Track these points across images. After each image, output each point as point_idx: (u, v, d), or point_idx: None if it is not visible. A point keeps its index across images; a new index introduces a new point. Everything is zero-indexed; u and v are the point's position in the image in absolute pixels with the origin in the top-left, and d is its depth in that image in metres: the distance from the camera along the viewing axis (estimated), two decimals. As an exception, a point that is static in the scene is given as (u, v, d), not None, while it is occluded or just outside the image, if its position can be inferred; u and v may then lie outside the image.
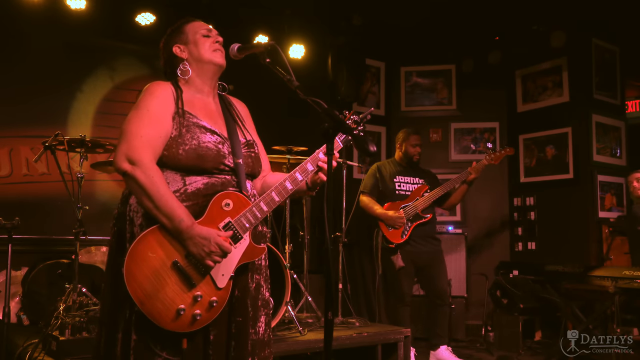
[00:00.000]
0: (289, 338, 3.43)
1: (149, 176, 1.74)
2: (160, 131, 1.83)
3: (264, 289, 1.99)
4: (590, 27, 5.53)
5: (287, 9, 5.35)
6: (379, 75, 6.31)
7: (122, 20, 4.91)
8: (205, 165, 1.85)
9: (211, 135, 1.89)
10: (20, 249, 3.84)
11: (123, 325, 1.77)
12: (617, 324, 3.90)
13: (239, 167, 1.92)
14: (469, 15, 5.44)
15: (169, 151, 1.83)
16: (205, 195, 1.84)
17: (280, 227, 4.07)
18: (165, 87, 1.93)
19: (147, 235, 1.73)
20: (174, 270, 1.74)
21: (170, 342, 1.76)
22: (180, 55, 2.00)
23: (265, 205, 1.89)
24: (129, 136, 1.79)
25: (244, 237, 1.86)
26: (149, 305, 1.69)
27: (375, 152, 1.86)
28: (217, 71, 2.03)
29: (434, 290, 4.39)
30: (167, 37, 2.06)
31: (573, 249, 5.37)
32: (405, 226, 4.30)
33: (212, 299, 1.77)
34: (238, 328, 1.87)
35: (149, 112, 1.84)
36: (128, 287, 1.67)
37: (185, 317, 1.73)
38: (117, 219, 1.87)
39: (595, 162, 5.50)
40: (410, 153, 4.51)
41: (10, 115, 4.59)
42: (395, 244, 4.28)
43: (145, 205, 1.76)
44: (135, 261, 1.70)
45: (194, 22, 2.07)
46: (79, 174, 3.61)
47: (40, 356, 3.13)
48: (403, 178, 4.49)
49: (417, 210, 4.33)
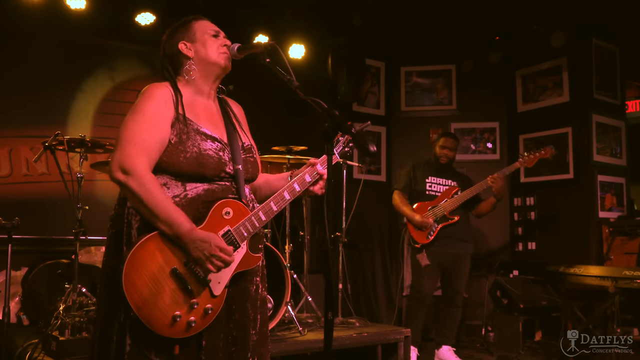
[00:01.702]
0: (289, 338, 3.43)
1: (143, 185, 1.71)
2: (156, 137, 1.79)
3: (261, 288, 1.99)
4: (590, 27, 5.53)
5: (287, 9, 5.35)
6: (379, 75, 6.31)
7: (122, 20, 4.90)
8: (206, 173, 1.84)
9: (212, 142, 1.88)
10: (20, 249, 3.84)
11: (117, 328, 1.76)
12: (617, 324, 3.90)
13: (238, 173, 1.91)
14: (469, 15, 5.43)
15: (169, 158, 1.80)
16: (205, 201, 1.83)
17: (280, 227, 4.07)
18: (164, 90, 1.87)
19: (147, 242, 1.72)
20: (172, 277, 1.74)
21: (164, 347, 1.75)
22: (187, 53, 1.96)
23: (264, 215, 1.90)
24: (123, 143, 1.76)
25: (241, 245, 1.86)
26: (145, 311, 1.69)
27: (375, 152, 1.86)
28: (221, 74, 2.01)
29: (450, 291, 4.44)
30: (172, 31, 2.01)
31: (573, 249, 5.36)
32: (431, 228, 4.32)
33: (207, 306, 1.78)
34: (237, 329, 1.87)
35: (145, 116, 1.80)
36: (126, 292, 1.67)
37: (181, 324, 1.73)
38: (115, 221, 1.86)
39: (595, 162, 5.50)
40: (438, 154, 4.57)
41: (10, 115, 4.58)
42: (421, 244, 4.33)
43: (141, 212, 1.75)
44: (134, 267, 1.69)
45: (202, 20, 2.04)
46: (78, 174, 3.61)
47: (40, 356, 3.13)
48: (435, 179, 4.53)
49: (445, 211, 4.36)
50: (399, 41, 6.01)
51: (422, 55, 6.21)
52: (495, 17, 5.46)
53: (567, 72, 5.63)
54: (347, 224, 4.36)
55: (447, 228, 4.37)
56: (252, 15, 5.21)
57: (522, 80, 6.07)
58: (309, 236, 4.38)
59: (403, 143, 6.15)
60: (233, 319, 1.87)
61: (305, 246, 4.28)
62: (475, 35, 5.75)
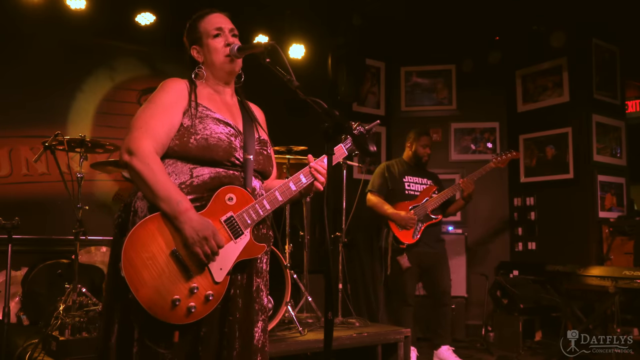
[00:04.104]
0: (289, 338, 3.42)
1: (145, 163, 1.74)
2: (165, 121, 1.83)
3: (263, 293, 1.96)
4: (590, 27, 5.53)
5: (287, 9, 5.34)
6: (379, 75, 6.31)
7: (122, 20, 4.90)
8: (216, 156, 1.85)
9: (224, 126, 1.90)
10: (20, 249, 3.84)
11: (120, 314, 1.76)
12: (617, 324, 3.90)
13: (247, 163, 1.91)
14: (469, 15, 5.44)
15: (181, 140, 1.84)
16: (210, 189, 1.83)
17: (280, 227, 4.06)
18: (180, 82, 1.95)
19: (147, 222, 1.72)
20: (173, 259, 1.72)
21: (163, 334, 1.73)
22: (198, 58, 2.03)
23: (268, 204, 1.89)
24: (132, 129, 1.82)
25: (245, 232, 1.85)
26: (144, 293, 1.66)
27: (375, 152, 1.86)
28: (230, 76, 2.05)
29: (437, 291, 4.41)
30: (187, 33, 2.08)
31: (573, 249, 5.37)
32: (416, 227, 4.31)
33: (208, 292, 1.75)
34: (230, 327, 1.84)
35: (156, 104, 1.87)
36: (125, 273, 1.65)
37: (180, 309, 1.70)
38: (123, 211, 1.86)
39: (595, 162, 5.50)
40: (420, 153, 4.54)
41: (10, 115, 4.58)
42: (406, 244, 4.29)
43: (144, 192, 1.77)
44: (134, 246, 1.68)
45: (207, 17, 2.05)
46: (78, 174, 3.60)
47: (40, 356, 3.13)
48: (412, 178, 4.51)
49: (427, 210, 4.34)
50: (399, 41, 6.01)
51: (422, 55, 6.22)
52: (495, 17, 5.47)
53: (567, 72, 5.63)
54: (347, 224, 4.36)
55: (429, 228, 4.36)
56: (252, 15, 5.21)
57: (522, 80, 6.07)
58: (309, 236, 4.37)
59: (403, 143, 6.12)
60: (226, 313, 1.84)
61: (305, 246, 4.27)
62: (475, 35, 5.75)
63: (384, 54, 6.25)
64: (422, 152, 4.53)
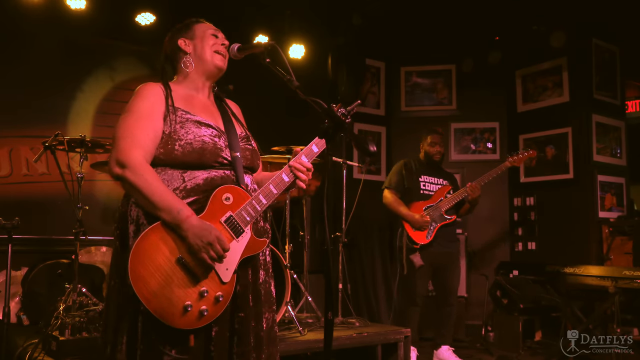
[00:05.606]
0: (289, 338, 3.42)
1: (139, 175, 1.74)
2: (149, 130, 1.82)
3: (269, 284, 1.98)
4: (590, 27, 5.53)
5: (287, 9, 5.35)
6: (379, 75, 6.31)
7: (122, 20, 4.91)
8: (203, 159, 1.84)
9: (206, 128, 1.89)
10: (20, 249, 3.83)
11: (129, 326, 1.75)
12: (617, 324, 3.90)
13: (236, 160, 1.91)
14: (469, 15, 5.44)
15: (165, 148, 1.83)
16: (205, 190, 1.83)
17: (280, 227, 4.06)
18: (155, 87, 1.93)
19: (149, 233, 1.72)
20: (179, 266, 1.73)
21: (178, 340, 1.74)
22: (185, 48, 2.02)
23: (264, 198, 1.89)
24: (117, 141, 1.81)
25: (245, 230, 1.85)
26: (155, 304, 1.67)
27: (375, 152, 1.86)
28: (215, 73, 2.04)
29: (444, 291, 4.41)
30: (174, 31, 2.08)
31: (573, 249, 5.37)
32: (430, 227, 4.31)
33: (217, 293, 1.76)
34: (241, 323, 1.85)
35: (136, 113, 1.86)
36: (133, 285, 1.66)
37: (192, 314, 1.71)
38: (120, 220, 1.86)
39: (595, 162, 5.50)
40: (430, 152, 4.54)
41: (10, 115, 4.58)
42: (420, 244, 4.29)
43: (142, 204, 1.76)
44: (139, 259, 1.68)
45: (204, 23, 2.09)
46: (78, 174, 3.60)
47: (40, 356, 3.13)
48: (427, 178, 4.51)
49: (441, 211, 4.34)
50: (399, 41, 6.01)
51: (422, 55, 6.22)
52: (495, 17, 5.47)
53: (567, 72, 5.64)
54: (347, 224, 4.35)
55: (443, 228, 4.36)
56: (252, 15, 5.21)
57: (522, 80, 6.07)
58: (309, 236, 4.38)
59: (403, 143, 6.15)
60: (235, 310, 1.85)
61: (305, 246, 4.27)
62: (475, 35, 5.75)
63: (384, 54, 6.25)
64: (431, 150, 4.53)
